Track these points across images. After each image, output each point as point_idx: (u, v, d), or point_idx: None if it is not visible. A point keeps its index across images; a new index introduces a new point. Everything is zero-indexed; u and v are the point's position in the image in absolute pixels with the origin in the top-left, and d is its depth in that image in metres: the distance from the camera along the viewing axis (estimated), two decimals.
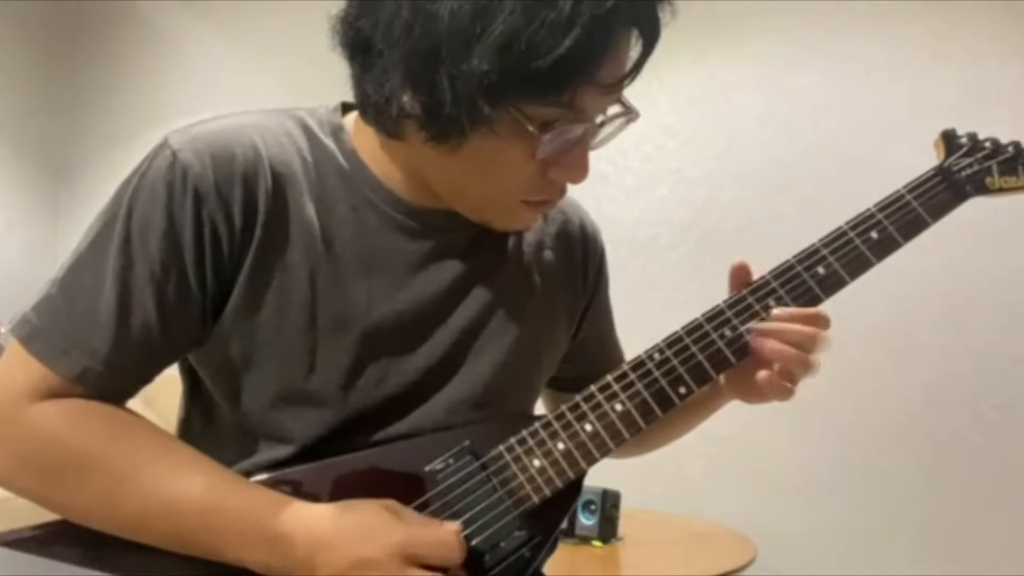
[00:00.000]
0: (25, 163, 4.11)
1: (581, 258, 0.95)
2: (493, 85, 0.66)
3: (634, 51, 0.71)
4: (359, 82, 0.75)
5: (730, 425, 1.62)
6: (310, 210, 0.77)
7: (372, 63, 0.72)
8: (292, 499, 0.73)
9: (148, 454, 0.72)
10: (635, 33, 0.71)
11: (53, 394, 0.72)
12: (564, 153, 0.73)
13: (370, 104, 0.75)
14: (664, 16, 0.71)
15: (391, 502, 0.74)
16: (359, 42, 0.73)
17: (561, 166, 0.75)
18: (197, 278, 0.74)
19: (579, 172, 0.76)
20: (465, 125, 0.69)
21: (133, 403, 0.78)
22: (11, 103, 4.04)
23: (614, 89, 0.72)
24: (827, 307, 0.83)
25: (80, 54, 4.18)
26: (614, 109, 0.75)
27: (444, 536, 0.72)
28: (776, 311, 0.82)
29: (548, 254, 0.91)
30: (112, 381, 0.73)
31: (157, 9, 3.96)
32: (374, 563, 0.69)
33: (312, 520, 0.71)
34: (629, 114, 0.76)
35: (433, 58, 0.67)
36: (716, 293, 0.85)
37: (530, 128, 0.69)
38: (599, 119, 0.74)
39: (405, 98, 0.71)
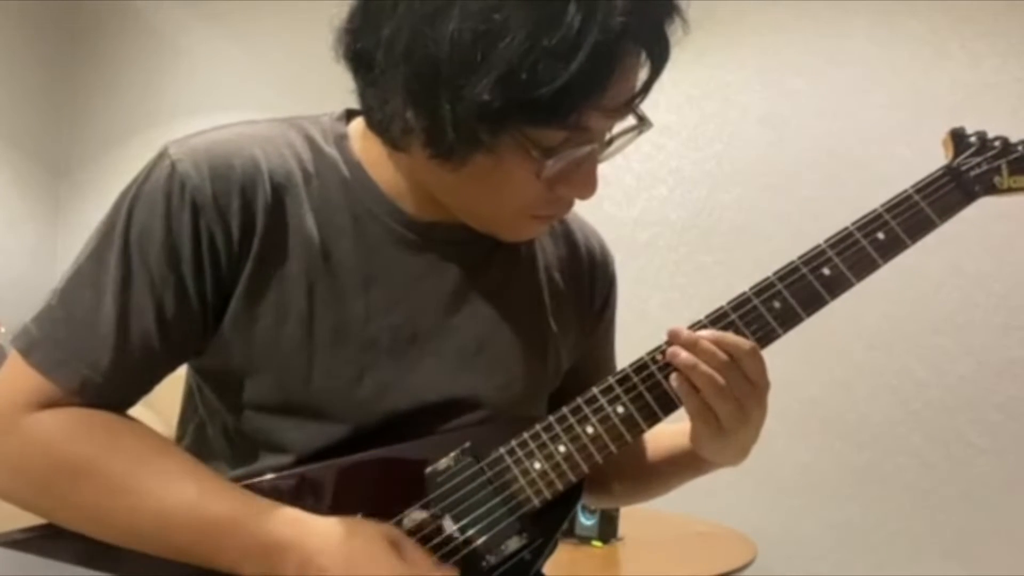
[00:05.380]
0: (25, 161, 4.10)
1: (588, 283, 0.93)
2: (494, 113, 0.65)
3: (643, 71, 0.70)
4: (363, 95, 0.75)
5: None
6: (310, 222, 0.76)
7: (375, 79, 0.71)
8: (287, 508, 0.72)
9: (140, 463, 0.72)
10: (643, 54, 0.69)
11: (52, 404, 0.71)
12: (571, 171, 0.73)
13: (374, 117, 0.74)
14: (675, 34, 0.70)
15: (395, 531, 0.73)
16: (361, 57, 0.72)
17: (568, 184, 0.74)
18: (196, 288, 0.73)
19: (586, 189, 0.75)
20: (466, 149, 0.68)
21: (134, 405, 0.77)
22: (11, 102, 4.03)
23: (621, 111, 0.71)
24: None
25: (79, 53, 4.17)
26: (626, 122, 0.74)
27: None
28: (700, 332, 0.75)
29: (556, 275, 0.90)
30: (112, 392, 0.73)
31: (157, 9, 3.96)
32: None
33: (308, 536, 0.70)
34: (642, 125, 0.74)
35: (433, 82, 0.66)
36: (716, 293, 0.84)
37: (533, 153, 0.69)
38: (609, 135, 0.73)
39: (408, 115, 0.70)
